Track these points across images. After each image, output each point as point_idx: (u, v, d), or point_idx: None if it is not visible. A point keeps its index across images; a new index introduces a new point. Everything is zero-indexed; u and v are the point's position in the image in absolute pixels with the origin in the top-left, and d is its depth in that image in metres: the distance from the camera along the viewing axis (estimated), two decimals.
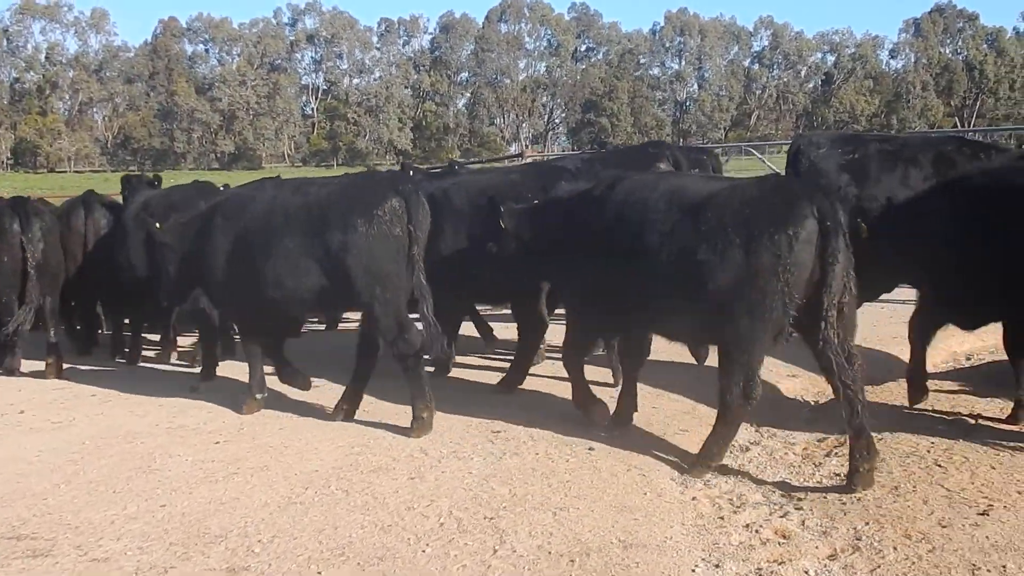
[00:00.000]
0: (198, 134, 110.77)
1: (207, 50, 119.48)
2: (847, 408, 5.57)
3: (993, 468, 5.54)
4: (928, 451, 5.92)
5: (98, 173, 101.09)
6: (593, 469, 5.83)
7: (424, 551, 4.82)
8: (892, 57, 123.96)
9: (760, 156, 24.17)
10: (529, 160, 14.90)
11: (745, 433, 6.66)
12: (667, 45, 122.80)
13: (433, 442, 6.38)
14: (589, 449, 6.17)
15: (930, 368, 8.14)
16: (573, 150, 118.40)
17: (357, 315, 7.72)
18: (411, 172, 12.08)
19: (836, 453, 6.15)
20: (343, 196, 7.09)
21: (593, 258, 6.47)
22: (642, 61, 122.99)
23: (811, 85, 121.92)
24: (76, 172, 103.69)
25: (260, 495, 5.60)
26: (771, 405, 7.25)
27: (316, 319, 11.56)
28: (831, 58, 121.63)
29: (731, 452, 6.29)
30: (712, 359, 8.04)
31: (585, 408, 6.85)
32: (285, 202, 7.22)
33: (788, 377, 7.81)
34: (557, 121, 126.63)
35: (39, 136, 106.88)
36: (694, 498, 5.54)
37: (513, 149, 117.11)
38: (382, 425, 6.93)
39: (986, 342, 8.80)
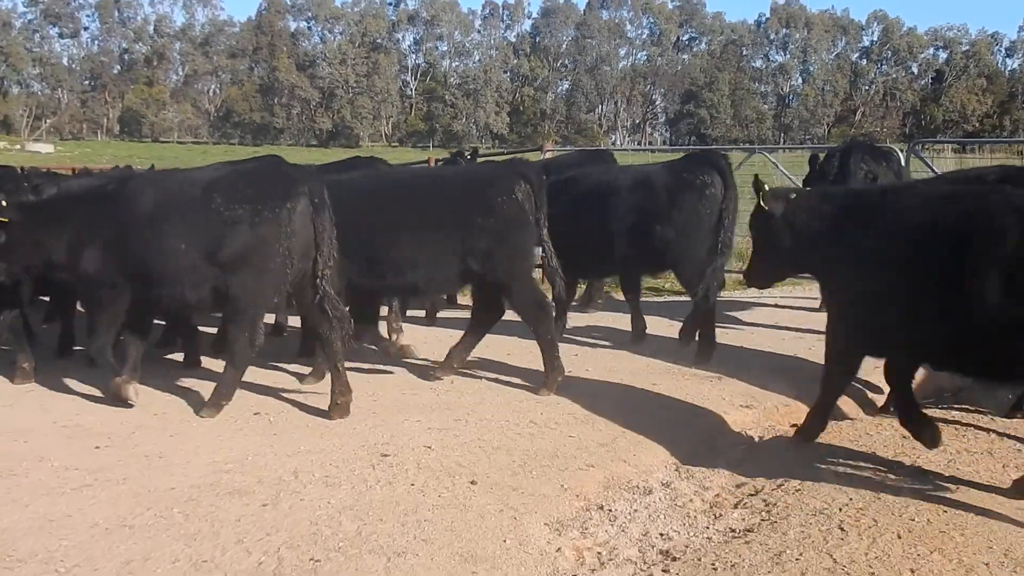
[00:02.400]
0: (297, 110, 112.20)
1: (310, 27, 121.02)
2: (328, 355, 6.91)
3: (899, 537, 4.76)
4: (841, 508, 5.15)
5: (199, 145, 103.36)
6: (462, 508, 5.23)
7: None
8: (1008, 56, 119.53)
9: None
10: (548, 154, 14.19)
11: (662, 472, 6.00)
12: (772, 37, 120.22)
13: (312, 463, 5.86)
14: (471, 483, 5.58)
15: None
16: (671, 141, 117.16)
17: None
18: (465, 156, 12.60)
19: (745, 504, 5.45)
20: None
21: None
22: (745, 53, 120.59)
23: (921, 83, 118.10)
24: (179, 143, 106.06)
25: (96, 513, 5.14)
26: (707, 439, 6.58)
27: None
28: (943, 55, 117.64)
29: (634, 493, 5.67)
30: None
31: None
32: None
33: (740, 408, 7.09)
34: (656, 111, 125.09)
35: (145, 106, 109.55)
36: (559, 549, 4.90)
37: (613, 139, 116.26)
38: (286, 431, 6.47)
39: None
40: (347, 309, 7.13)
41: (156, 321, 8.51)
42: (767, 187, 6.39)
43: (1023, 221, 4.94)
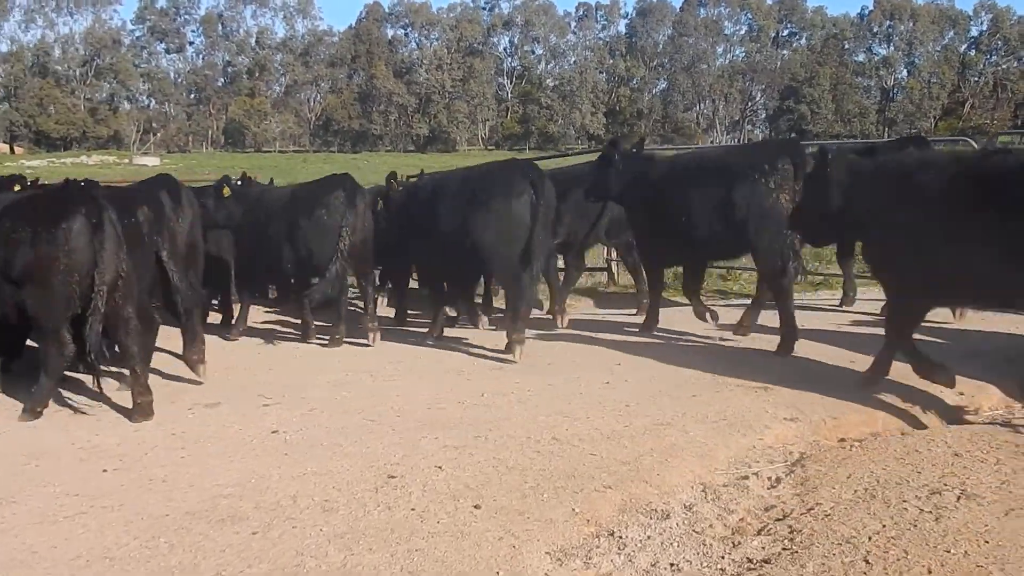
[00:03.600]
0: (394, 116, 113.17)
1: (407, 34, 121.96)
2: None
3: (929, 572, 4.27)
4: (870, 537, 4.65)
5: (299, 153, 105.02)
6: (459, 535, 4.89)
7: None
8: None
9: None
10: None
11: (687, 493, 5.56)
12: (875, 30, 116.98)
13: (314, 487, 5.58)
14: (475, 507, 5.23)
15: (974, 412, 6.89)
16: (770, 137, 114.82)
17: None
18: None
19: (768, 530, 4.99)
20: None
21: None
22: (847, 47, 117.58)
23: None
24: (280, 152, 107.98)
25: (82, 544, 4.93)
26: (744, 456, 6.12)
27: None
28: None
29: (651, 517, 5.25)
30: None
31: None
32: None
33: (784, 421, 6.60)
34: (755, 108, 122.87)
35: (247, 117, 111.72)
36: None
37: (718, 136, 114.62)
38: (298, 451, 6.23)
39: None
40: None
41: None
42: None
43: None
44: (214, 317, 11.28)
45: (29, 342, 8.39)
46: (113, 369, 8.05)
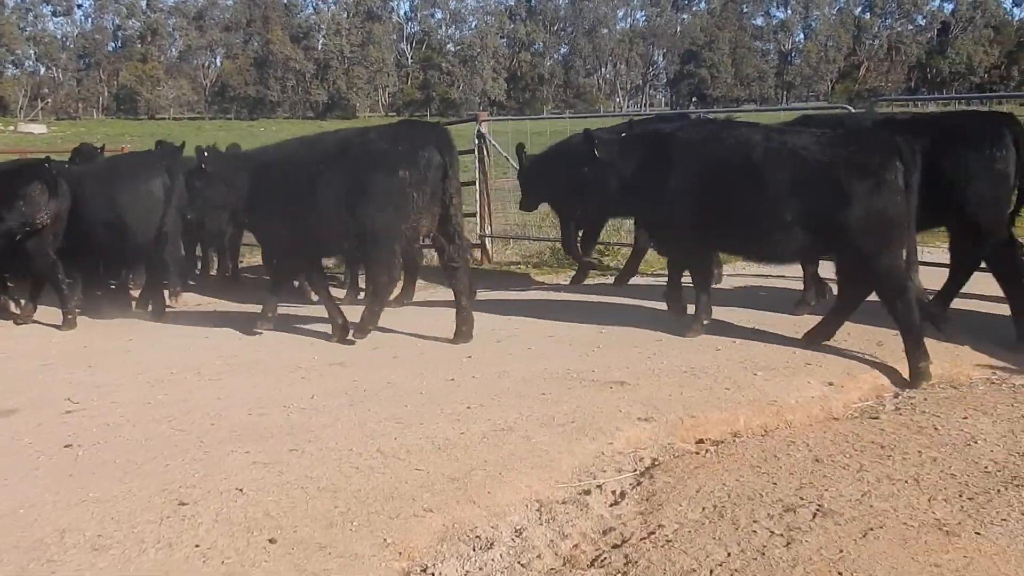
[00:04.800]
0: (292, 83, 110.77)
1: None
2: None
3: None
4: (712, 570, 4.09)
5: (194, 120, 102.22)
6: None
7: None
8: (1016, 5, 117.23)
9: None
10: (484, 125, 12.97)
11: (520, 514, 4.90)
12: None
13: (91, 517, 4.77)
14: (270, 541, 4.48)
15: (842, 406, 6.36)
16: (672, 102, 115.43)
17: None
18: None
19: (603, 560, 4.38)
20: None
21: None
22: (745, 10, 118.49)
23: (927, 35, 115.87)
24: (174, 119, 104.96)
25: None
26: (590, 464, 5.49)
27: None
28: (949, 6, 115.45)
29: (473, 547, 4.59)
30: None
31: None
32: None
33: (637, 422, 6.00)
34: (656, 72, 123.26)
35: (139, 83, 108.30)
36: None
37: (617, 101, 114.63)
38: (86, 471, 5.43)
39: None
40: None
41: None
42: None
43: None
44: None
45: None
46: None
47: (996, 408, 5.91)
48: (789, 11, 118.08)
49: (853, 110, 10.98)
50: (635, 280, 11.08)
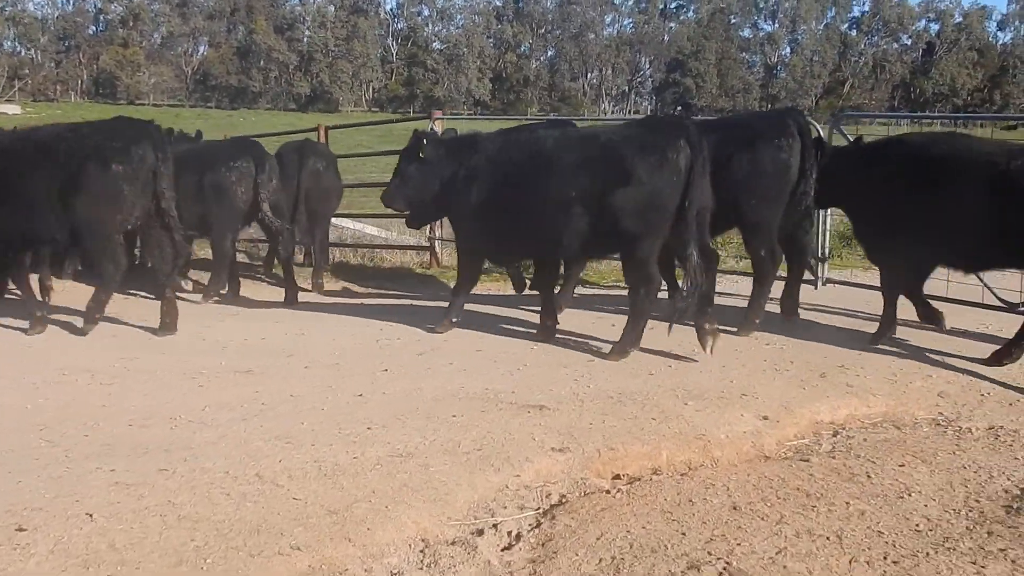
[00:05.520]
0: (275, 74, 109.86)
1: None
2: None
3: None
4: None
5: (173, 107, 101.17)
6: None
7: None
8: (1000, 29, 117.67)
9: None
10: (438, 124, 12.45)
11: (399, 555, 4.36)
12: (760, 5, 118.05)
13: None
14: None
15: (776, 443, 5.86)
16: (656, 110, 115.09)
17: None
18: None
19: None
20: None
21: None
22: (733, 21, 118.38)
23: (911, 55, 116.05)
24: (154, 105, 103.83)
25: None
26: (490, 499, 4.96)
27: None
28: (935, 27, 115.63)
29: None
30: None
31: None
32: None
33: (552, 452, 5.48)
34: (642, 79, 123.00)
35: (119, 68, 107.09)
36: None
37: (602, 107, 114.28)
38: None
39: (871, 408, 6.39)
40: None
41: None
42: None
43: None
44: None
45: None
46: None
47: (936, 455, 5.42)
48: (776, 24, 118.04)
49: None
50: (584, 291, 10.60)
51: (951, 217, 6.99)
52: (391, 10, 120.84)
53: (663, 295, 7.99)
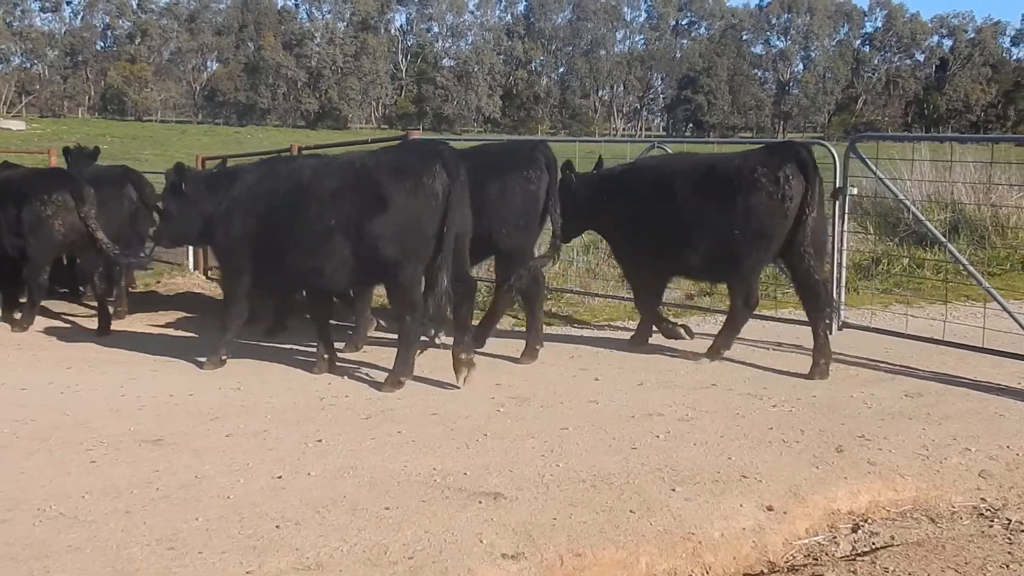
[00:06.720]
0: (283, 90, 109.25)
1: (296, 5, 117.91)
2: None
3: None
4: None
5: (181, 124, 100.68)
6: None
7: None
8: (1014, 44, 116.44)
9: None
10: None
11: None
12: (773, 22, 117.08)
13: None
14: None
15: (782, 542, 4.74)
16: (668, 127, 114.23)
17: None
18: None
19: None
20: None
21: None
22: (745, 38, 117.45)
23: (925, 71, 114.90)
24: (162, 122, 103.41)
25: None
26: None
27: None
28: (948, 43, 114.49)
29: None
30: None
31: None
32: None
33: (502, 560, 4.38)
34: (654, 96, 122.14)
35: (127, 83, 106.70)
36: None
37: (615, 124, 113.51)
38: None
39: (899, 492, 5.25)
40: None
41: None
42: None
43: None
44: None
45: None
46: None
47: (985, 568, 4.30)
48: (789, 40, 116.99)
49: None
50: (572, 331, 9.52)
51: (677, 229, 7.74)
52: (401, 26, 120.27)
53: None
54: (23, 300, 9.98)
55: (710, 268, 7.97)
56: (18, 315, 9.93)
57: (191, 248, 13.57)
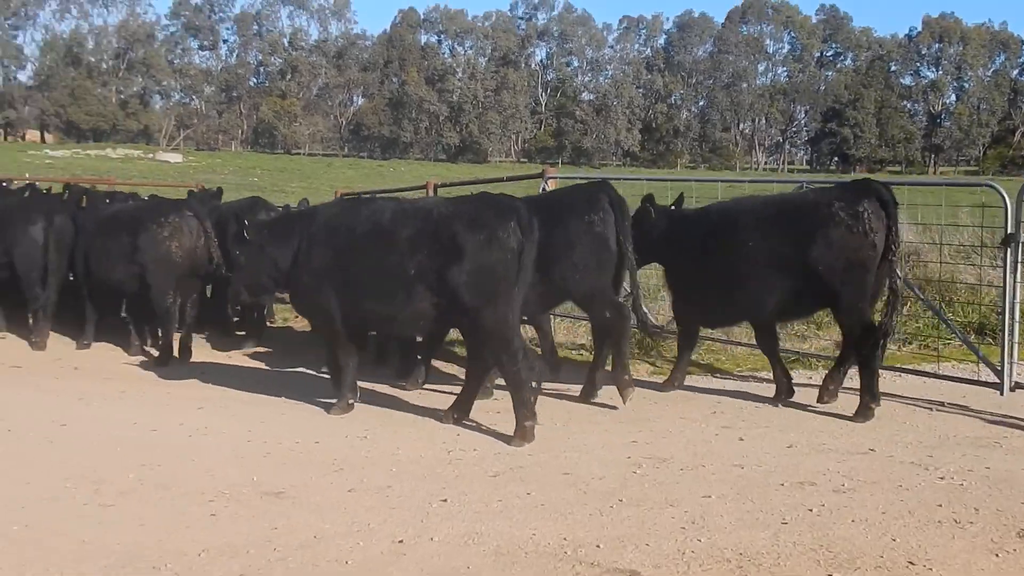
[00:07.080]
0: (425, 124, 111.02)
1: (440, 41, 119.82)
2: None
3: None
4: None
5: (327, 157, 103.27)
6: None
7: None
8: None
9: None
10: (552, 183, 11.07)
11: None
12: (923, 52, 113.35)
13: None
14: None
15: None
16: (811, 161, 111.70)
17: None
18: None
19: None
20: None
21: None
22: (893, 69, 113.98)
23: None
24: (309, 155, 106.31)
25: None
26: None
27: None
28: None
29: None
30: None
31: None
32: None
33: None
34: (797, 129, 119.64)
35: (277, 118, 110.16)
36: None
37: (757, 158, 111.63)
38: None
39: None
40: None
41: None
42: None
43: None
44: None
45: None
46: None
47: None
48: (940, 71, 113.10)
49: None
50: (711, 383, 9.01)
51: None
52: (541, 61, 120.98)
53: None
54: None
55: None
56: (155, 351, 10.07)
57: None
